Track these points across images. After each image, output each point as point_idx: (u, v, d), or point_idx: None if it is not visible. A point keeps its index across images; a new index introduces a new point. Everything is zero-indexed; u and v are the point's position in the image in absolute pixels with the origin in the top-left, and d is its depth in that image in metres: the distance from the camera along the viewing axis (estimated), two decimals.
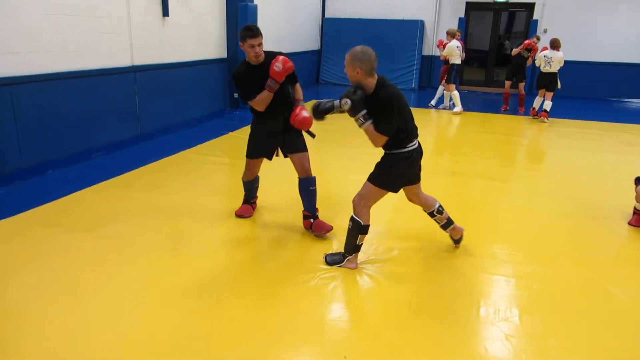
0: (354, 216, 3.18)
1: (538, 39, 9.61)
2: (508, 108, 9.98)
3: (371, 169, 3.22)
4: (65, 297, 2.85)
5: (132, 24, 6.41)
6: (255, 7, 8.71)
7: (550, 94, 8.77)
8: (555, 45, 8.60)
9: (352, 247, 3.25)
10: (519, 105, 9.82)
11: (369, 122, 2.92)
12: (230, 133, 7.15)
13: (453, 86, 9.41)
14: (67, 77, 5.48)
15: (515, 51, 9.54)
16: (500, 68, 13.32)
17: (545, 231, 4.05)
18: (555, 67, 8.64)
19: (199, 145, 6.33)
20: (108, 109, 6.13)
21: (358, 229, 3.18)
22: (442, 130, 8.67)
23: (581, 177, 5.66)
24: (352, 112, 2.93)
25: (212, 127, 7.51)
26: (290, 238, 3.75)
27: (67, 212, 4.07)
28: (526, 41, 9.50)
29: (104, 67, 5.99)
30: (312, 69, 13.21)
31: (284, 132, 3.75)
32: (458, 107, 9.35)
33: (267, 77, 3.47)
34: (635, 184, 4.19)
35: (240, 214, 4.15)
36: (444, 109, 9.84)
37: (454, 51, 9.21)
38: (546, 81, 8.73)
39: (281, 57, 3.45)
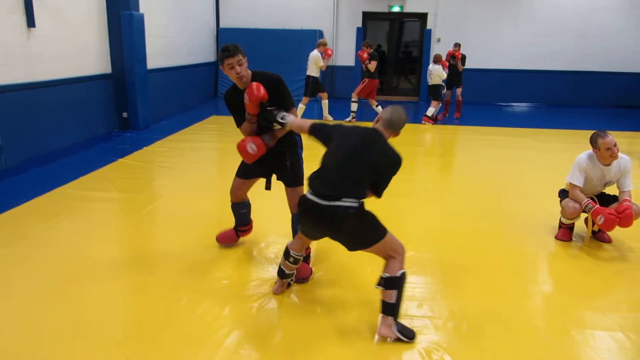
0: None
1: (458, 46, 9.88)
2: (447, 115, 10.28)
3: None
4: None
5: None
6: (142, 16, 7.83)
7: (434, 102, 9.40)
8: (435, 60, 9.32)
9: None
10: (456, 111, 10.11)
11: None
12: (120, 159, 6.24)
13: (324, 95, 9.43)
14: None
15: (444, 63, 9.73)
16: (400, 77, 13.60)
17: (477, 256, 3.80)
18: (435, 80, 9.28)
19: (80, 178, 5.37)
20: None
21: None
22: None
23: (495, 189, 5.61)
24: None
25: (97, 154, 6.53)
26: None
27: None
28: (449, 50, 9.86)
29: None
30: (209, 82, 12.42)
31: (274, 160, 3.28)
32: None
33: None
34: (560, 197, 4.10)
35: (219, 239, 3.70)
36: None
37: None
38: (429, 92, 9.51)
39: (251, 85, 2.98)
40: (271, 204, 3.90)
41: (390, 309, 2.61)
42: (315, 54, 9.00)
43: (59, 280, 3.22)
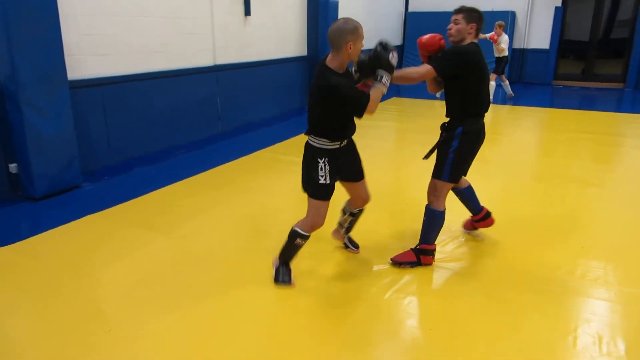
0: None
1: None
2: None
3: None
4: (139, 294, 2.88)
5: (215, 24, 6.53)
6: (337, 3, 8.58)
7: None
8: None
9: None
10: None
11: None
12: None
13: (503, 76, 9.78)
14: (152, 77, 5.67)
15: None
16: (603, 60, 12.18)
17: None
18: None
19: (276, 144, 6.34)
20: (191, 109, 6.30)
21: None
22: (527, 129, 8.03)
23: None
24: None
25: (291, 125, 7.50)
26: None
27: (149, 210, 4.18)
28: None
29: (187, 67, 6.15)
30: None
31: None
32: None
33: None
34: None
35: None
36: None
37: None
38: None
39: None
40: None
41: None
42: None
43: (246, 219, 4.04)
